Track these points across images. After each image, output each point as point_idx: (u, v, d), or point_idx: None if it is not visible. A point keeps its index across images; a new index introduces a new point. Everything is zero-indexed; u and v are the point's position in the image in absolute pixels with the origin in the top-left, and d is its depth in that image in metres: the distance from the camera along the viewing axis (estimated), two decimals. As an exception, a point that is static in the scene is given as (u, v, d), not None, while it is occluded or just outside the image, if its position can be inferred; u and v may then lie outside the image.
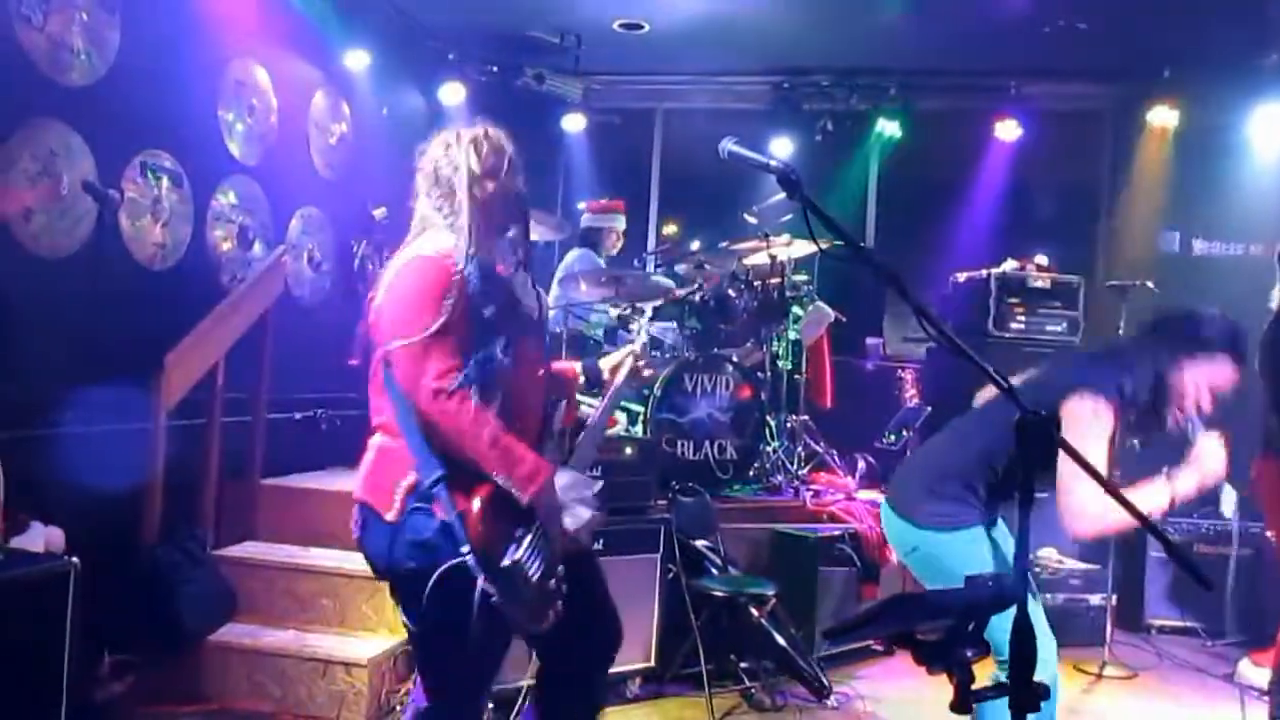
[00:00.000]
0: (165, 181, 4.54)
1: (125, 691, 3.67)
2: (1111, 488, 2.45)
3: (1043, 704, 1.59)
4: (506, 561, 2.22)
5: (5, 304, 3.68)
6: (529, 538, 2.27)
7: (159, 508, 3.99)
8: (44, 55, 3.87)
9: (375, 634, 4.09)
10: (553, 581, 2.32)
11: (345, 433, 5.60)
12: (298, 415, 5.41)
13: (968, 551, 2.71)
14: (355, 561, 4.28)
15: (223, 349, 4.36)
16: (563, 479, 2.36)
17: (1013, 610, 1.59)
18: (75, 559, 3.07)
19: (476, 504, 2.23)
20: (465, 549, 2.20)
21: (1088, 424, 2.60)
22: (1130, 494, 2.54)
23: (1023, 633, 1.59)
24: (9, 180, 3.73)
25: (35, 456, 3.56)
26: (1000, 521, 2.88)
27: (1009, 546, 2.82)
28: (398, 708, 3.90)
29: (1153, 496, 2.61)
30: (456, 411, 2.21)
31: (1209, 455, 2.68)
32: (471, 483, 2.24)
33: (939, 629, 1.55)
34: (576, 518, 2.35)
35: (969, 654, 1.57)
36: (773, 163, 1.76)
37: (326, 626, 4.16)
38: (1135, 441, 3.03)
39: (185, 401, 4.13)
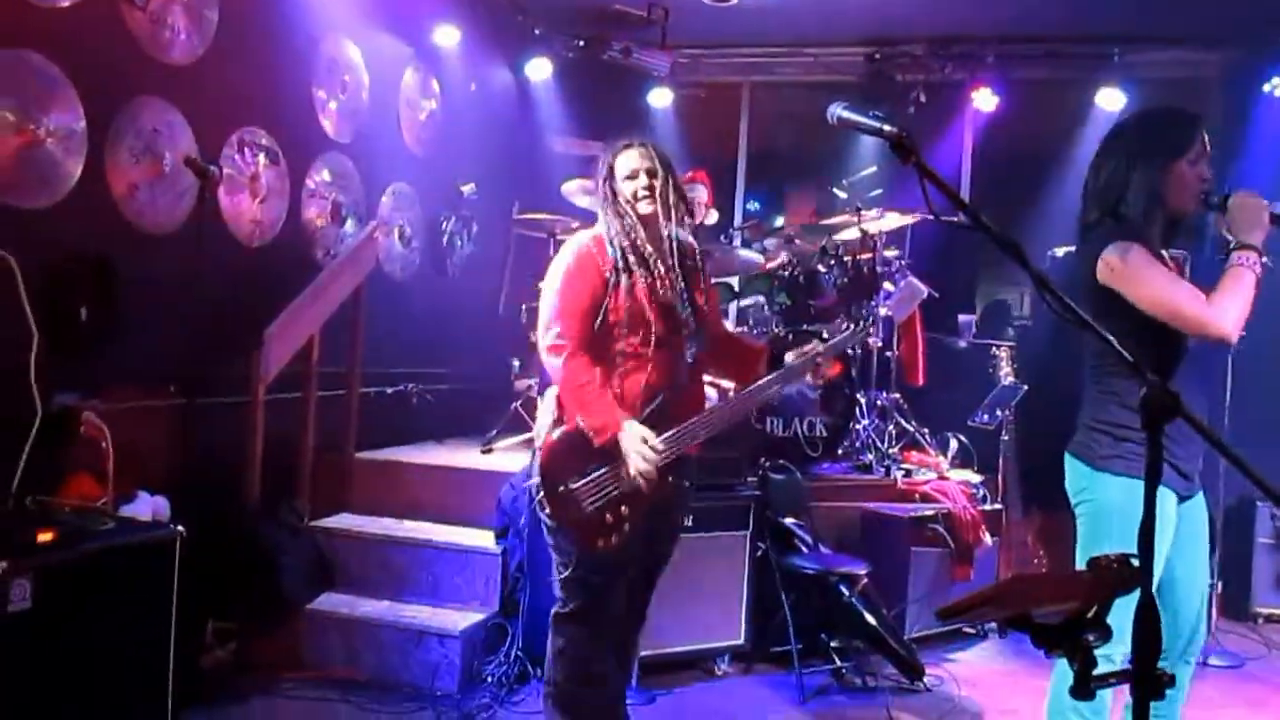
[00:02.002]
0: (262, 158, 4.62)
1: (228, 658, 3.77)
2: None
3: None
4: (560, 488, 2.74)
5: (113, 279, 3.78)
6: (597, 474, 2.74)
7: (258, 479, 4.08)
8: (146, 34, 3.95)
9: (467, 606, 4.14)
10: (609, 516, 2.74)
11: (435, 407, 5.68)
12: (389, 390, 5.49)
13: (1118, 504, 2.51)
14: (446, 534, 4.35)
15: (318, 324, 4.44)
16: (637, 433, 2.71)
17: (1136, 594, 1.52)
18: (181, 528, 3.16)
19: (554, 437, 2.79)
20: (536, 475, 2.79)
21: (1131, 271, 2.46)
22: (1220, 293, 2.45)
23: (1148, 617, 1.52)
24: (115, 157, 3.82)
25: (141, 428, 3.67)
26: (1200, 497, 2.67)
27: (1193, 529, 2.64)
28: (489, 678, 3.94)
29: (1237, 283, 2.46)
30: (558, 366, 2.76)
31: (1245, 205, 2.52)
32: (560, 423, 2.80)
33: (1060, 612, 1.49)
34: (634, 466, 2.71)
35: (1091, 638, 1.51)
36: (885, 127, 1.69)
37: (419, 598, 4.22)
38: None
39: (282, 375, 4.21)
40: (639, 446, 2.70)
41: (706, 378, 3.16)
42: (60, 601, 2.72)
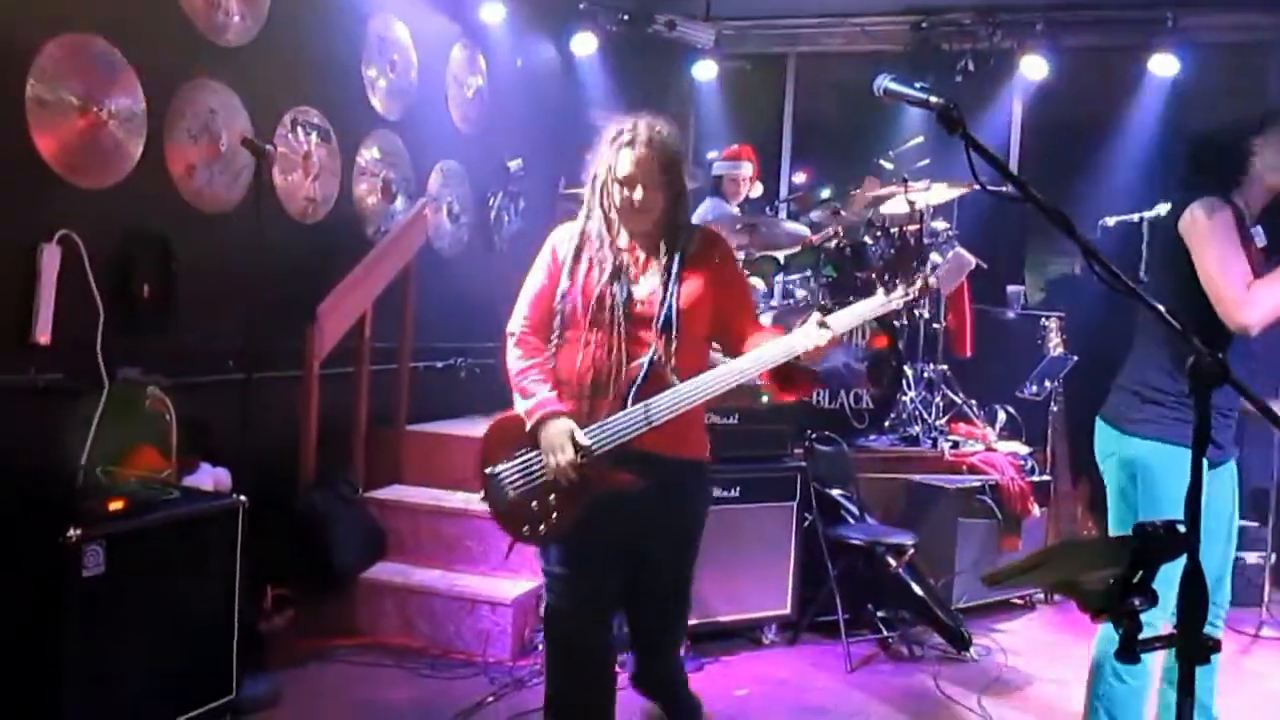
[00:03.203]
0: (314, 137, 4.69)
1: (286, 624, 3.88)
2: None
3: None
4: (487, 470, 2.70)
5: (173, 257, 3.88)
6: (524, 458, 2.66)
7: (313, 451, 4.18)
8: (202, 16, 4.03)
9: (518, 575, 4.21)
10: (535, 503, 2.62)
11: (484, 381, 5.75)
12: (439, 364, 5.57)
13: (1167, 473, 2.50)
14: (498, 505, 4.42)
15: (370, 300, 4.52)
16: (562, 427, 2.58)
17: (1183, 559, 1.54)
18: (243, 497, 3.26)
19: (493, 421, 2.76)
20: None
21: (1204, 230, 2.46)
22: (1263, 283, 2.44)
23: (1193, 582, 1.54)
24: (174, 138, 3.91)
25: (201, 402, 3.77)
26: (1230, 465, 2.67)
27: (1218, 494, 2.63)
28: (539, 647, 4.02)
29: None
30: (507, 350, 2.76)
31: None
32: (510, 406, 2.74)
33: (1105, 577, 1.51)
34: (550, 459, 2.58)
35: (1136, 603, 1.53)
36: (932, 99, 1.71)
37: (471, 567, 4.31)
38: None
39: (335, 351, 4.29)
40: (558, 439, 2.57)
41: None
42: (130, 567, 2.83)
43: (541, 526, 2.62)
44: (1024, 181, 1.60)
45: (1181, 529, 1.54)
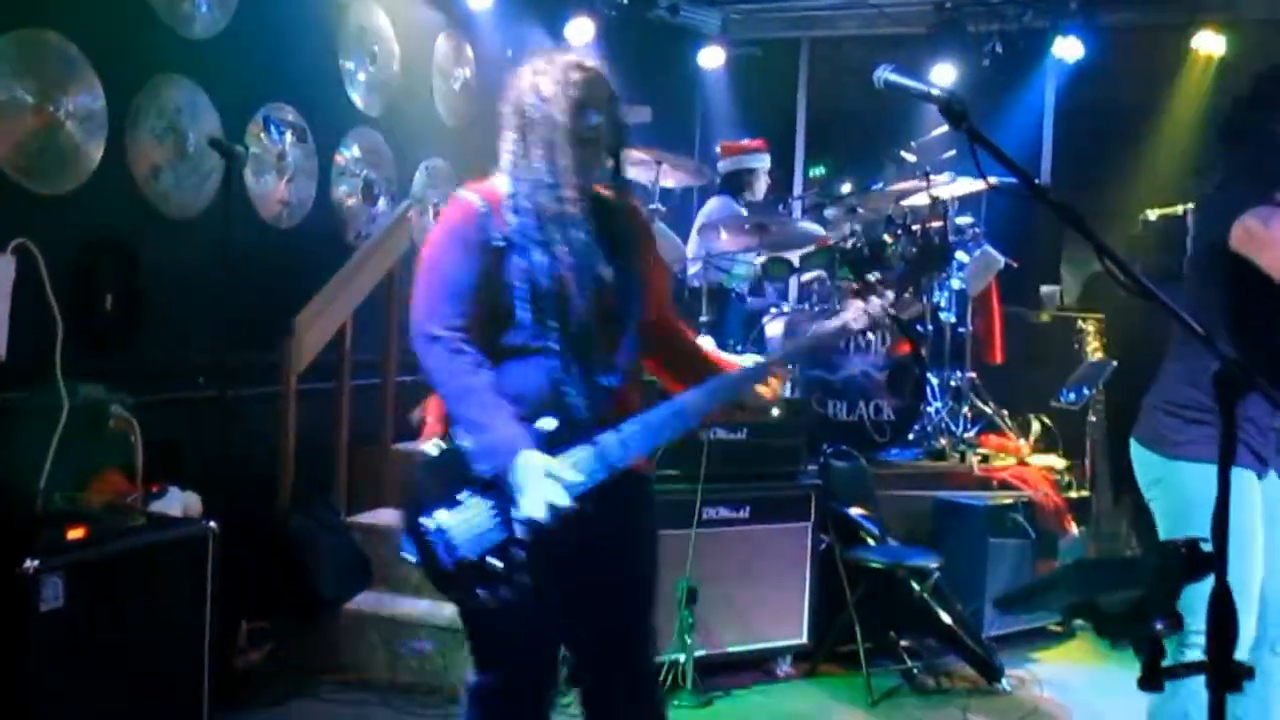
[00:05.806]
0: (289, 136, 4.74)
1: (263, 660, 3.91)
2: None
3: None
4: (423, 522, 2.21)
5: (138, 266, 3.92)
6: (473, 506, 2.19)
7: (291, 473, 4.21)
8: (166, 7, 4.08)
9: (511, 605, 4.23)
10: (498, 561, 2.17)
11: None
12: (426, 377, 5.60)
13: (1202, 494, 2.45)
14: (489, 529, 4.44)
15: (350, 309, 4.55)
16: (537, 465, 2.14)
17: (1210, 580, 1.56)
18: (213, 523, 3.29)
19: (427, 454, 2.30)
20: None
21: (1271, 236, 2.44)
22: None
23: (1222, 604, 1.56)
24: (137, 139, 3.96)
25: (170, 421, 3.81)
26: (1273, 478, 2.66)
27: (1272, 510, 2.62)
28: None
29: None
30: (434, 363, 2.24)
31: None
32: (440, 437, 2.31)
33: (1126, 599, 1.53)
34: (530, 504, 2.12)
35: (1159, 627, 1.55)
36: (934, 91, 1.74)
37: (462, 596, 4.32)
38: None
39: (314, 364, 4.32)
40: (540, 481, 2.13)
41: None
42: (92, 600, 2.86)
43: (501, 589, 2.19)
44: (1034, 179, 1.63)
45: (1206, 547, 1.57)
